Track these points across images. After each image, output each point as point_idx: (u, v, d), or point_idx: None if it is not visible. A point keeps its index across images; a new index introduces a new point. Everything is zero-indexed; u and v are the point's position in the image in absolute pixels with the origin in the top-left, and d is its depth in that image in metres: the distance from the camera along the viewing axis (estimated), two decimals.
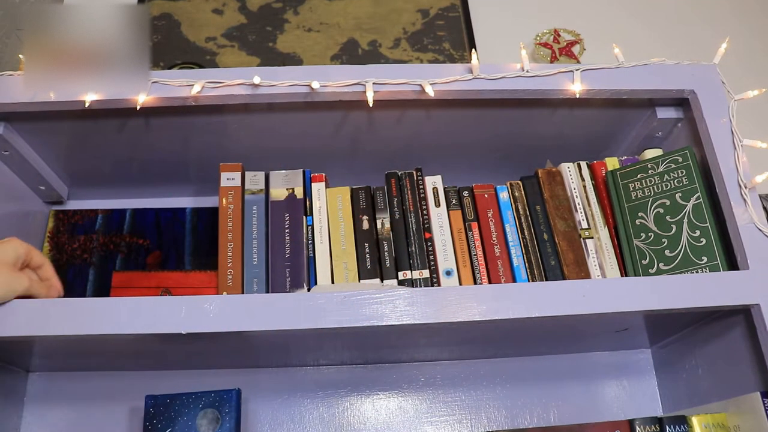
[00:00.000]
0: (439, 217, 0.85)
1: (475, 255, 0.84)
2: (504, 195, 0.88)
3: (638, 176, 0.85)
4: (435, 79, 0.80)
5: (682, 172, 0.81)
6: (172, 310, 0.67)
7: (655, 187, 0.83)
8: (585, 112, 0.88)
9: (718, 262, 0.76)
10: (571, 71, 0.82)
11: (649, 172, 0.84)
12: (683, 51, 1.13)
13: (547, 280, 0.82)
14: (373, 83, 0.79)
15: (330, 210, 0.86)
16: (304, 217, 0.84)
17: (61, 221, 0.93)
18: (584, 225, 0.85)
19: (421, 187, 0.87)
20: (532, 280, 0.82)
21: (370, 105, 0.79)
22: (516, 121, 0.89)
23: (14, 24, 0.97)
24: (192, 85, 0.78)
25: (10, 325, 0.66)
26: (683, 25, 1.27)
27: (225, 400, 0.82)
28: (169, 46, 1.15)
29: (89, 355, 0.82)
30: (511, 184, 0.89)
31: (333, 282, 0.82)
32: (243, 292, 0.80)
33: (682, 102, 0.86)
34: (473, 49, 0.84)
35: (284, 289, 0.80)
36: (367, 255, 0.83)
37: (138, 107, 0.78)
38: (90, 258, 0.90)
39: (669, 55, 0.86)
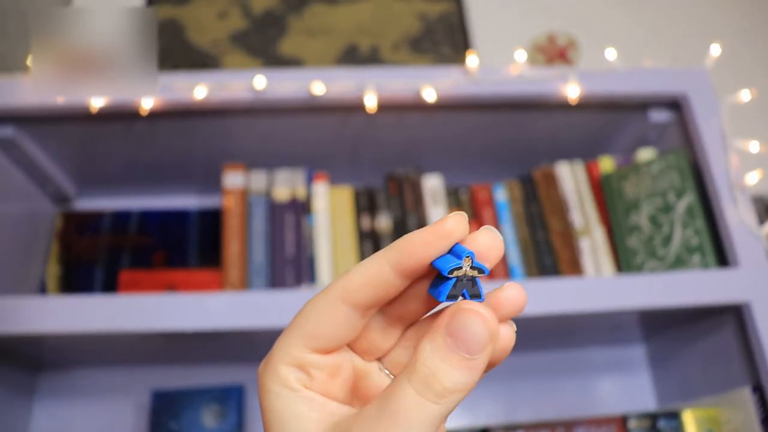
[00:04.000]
0: (438, 217, 0.87)
1: None
2: (501, 194, 0.90)
3: (632, 177, 0.87)
4: (434, 82, 0.82)
5: (674, 173, 0.83)
6: (177, 307, 0.69)
7: (648, 187, 0.85)
8: (580, 114, 0.90)
9: (710, 261, 0.77)
10: (567, 75, 0.84)
11: (643, 172, 0.86)
12: (676, 54, 1.15)
13: (543, 277, 0.84)
14: (374, 86, 0.81)
15: (332, 209, 0.87)
16: (305, 216, 0.86)
17: (68, 221, 0.95)
18: (579, 224, 0.87)
19: (420, 186, 0.89)
20: (529, 278, 0.84)
21: (371, 107, 0.81)
22: (513, 123, 0.91)
23: (23, 27, 0.99)
24: (197, 87, 0.80)
25: (19, 322, 0.67)
26: (676, 29, 1.30)
27: (229, 396, 0.84)
28: (174, 51, 1.18)
29: (96, 351, 0.84)
30: (508, 184, 0.91)
31: None
32: (246, 290, 0.82)
33: (675, 104, 0.88)
34: (471, 53, 0.86)
35: (286, 288, 0.82)
36: (368, 254, 0.85)
37: (145, 110, 0.80)
38: (97, 257, 0.92)
39: (661, 58, 0.88)
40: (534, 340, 0.91)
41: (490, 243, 0.26)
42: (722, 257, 0.78)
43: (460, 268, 0.25)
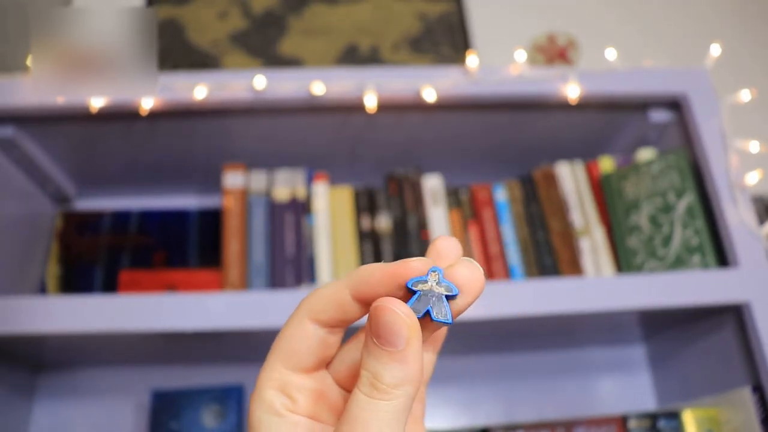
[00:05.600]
0: (438, 217, 0.87)
1: (473, 254, 0.86)
2: (501, 195, 0.90)
3: (632, 176, 0.87)
4: (434, 82, 0.82)
5: (674, 173, 0.83)
6: (177, 307, 0.69)
7: (648, 187, 0.85)
8: (580, 114, 0.90)
9: (710, 261, 0.77)
10: (567, 75, 0.84)
11: (643, 172, 0.86)
12: (676, 54, 1.15)
13: (543, 277, 0.84)
14: (374, 86, 0.81)
15: (332, 209, 0.88)
16: (306, 216, 0.86)
17: (68, 221, 0.95)
18: (579, 224, 0.87)
19: (420, 186, 0.89)
20: (529, 278, 0.84)
21: (371, 107, 0.81)
22: (513, 123, 0.91)
23: (23, 27, 0.99)
24: (197, 87, 0.80)
25: (19, 322, 0.67)
26: (676, 29, 1.30)
27: (229, 396, 0.84)
28: (174, 51, 1.18)
29: (96, 351, 0.84)
30: (508, 184, 0.91)
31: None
32: (246, 290, 0.82)
33: (675, 104, 0.88)
34: (471, 53, 0.86)
35: (286, 288, 0.82)
36: (368, 254, 0.85)
37: (145, 110, 0.80)
38: (97, 257, 0.92)
39: (661, 58, 0.88)
40: (534, 340, 0.91)
41: (469, 275, 0.26)
42: (722, 257, 0.78)
43: (425, 282, 0.25)
